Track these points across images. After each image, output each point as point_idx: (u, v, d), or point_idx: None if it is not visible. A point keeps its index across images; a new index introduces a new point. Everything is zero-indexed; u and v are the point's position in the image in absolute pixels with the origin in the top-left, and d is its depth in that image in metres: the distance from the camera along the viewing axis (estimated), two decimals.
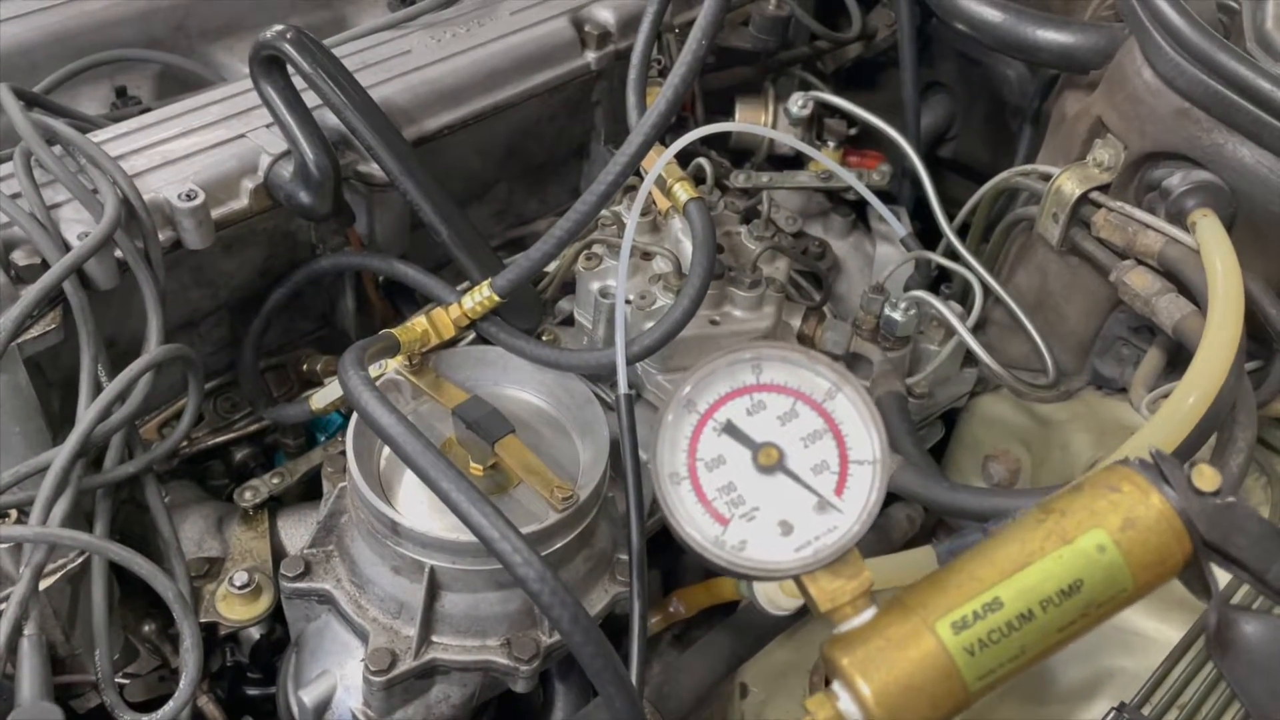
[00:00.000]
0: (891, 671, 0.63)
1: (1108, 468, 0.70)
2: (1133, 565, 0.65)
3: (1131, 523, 0.65)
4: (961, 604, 0.64)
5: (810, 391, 0.69)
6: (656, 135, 1.01)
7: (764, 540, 0.67)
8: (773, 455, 0.68)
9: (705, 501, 0.67)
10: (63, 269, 0.96)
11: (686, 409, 0.69)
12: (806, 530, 0.67)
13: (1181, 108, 1.05)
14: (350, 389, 0.88)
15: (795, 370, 0.69)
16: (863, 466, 0.68)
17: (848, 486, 0.67)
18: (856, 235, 1.46)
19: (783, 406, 0.69)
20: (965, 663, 0.63)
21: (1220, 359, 0.91)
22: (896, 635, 0.64)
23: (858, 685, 0.63)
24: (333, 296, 1.28)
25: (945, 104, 1.61)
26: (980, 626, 0.64)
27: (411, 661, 0.97)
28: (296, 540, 1.16)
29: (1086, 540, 0.65)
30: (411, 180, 1.09)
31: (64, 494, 0.96)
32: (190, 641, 0.97)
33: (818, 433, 0.68)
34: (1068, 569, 0.65)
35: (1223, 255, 0.97)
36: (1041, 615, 0.64)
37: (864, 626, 0.66)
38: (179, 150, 1.11)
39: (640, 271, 1.16)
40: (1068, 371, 1.25)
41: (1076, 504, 0.67)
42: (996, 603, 0.64)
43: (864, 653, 0.64)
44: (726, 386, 0.69)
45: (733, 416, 0.69)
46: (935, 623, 0.64)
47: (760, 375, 0.69)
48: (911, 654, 0.64)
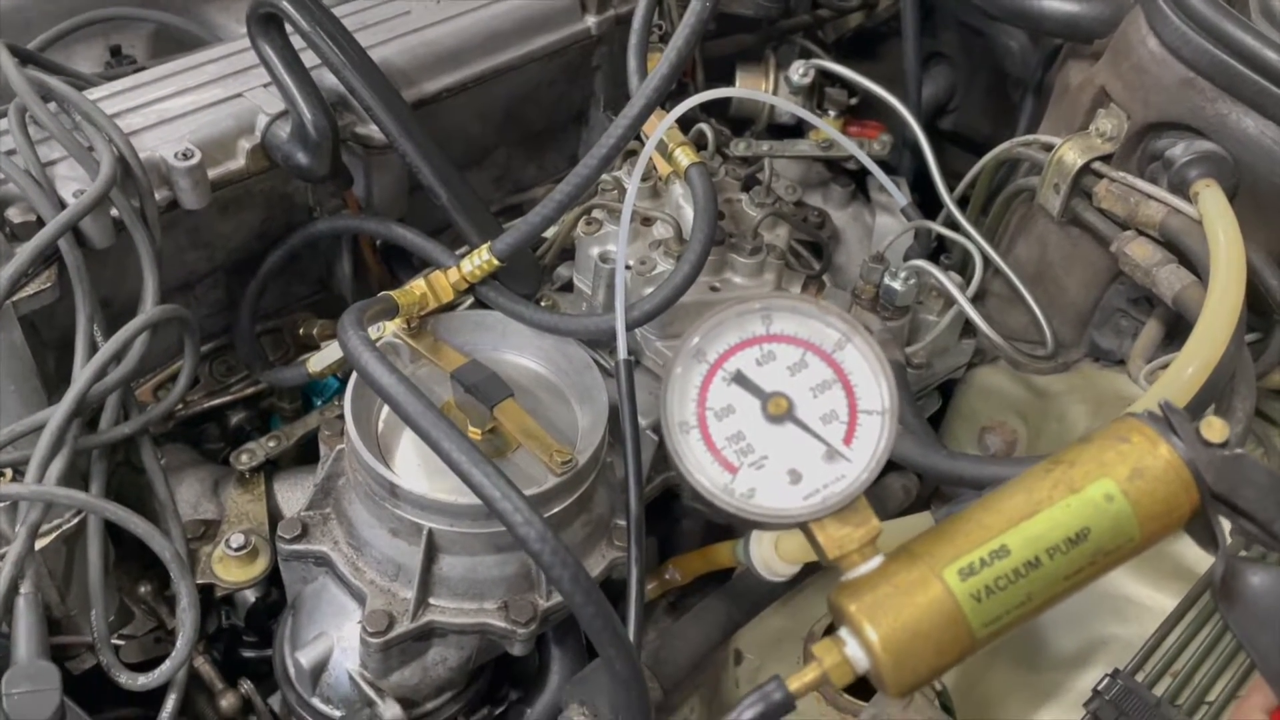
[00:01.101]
0: (898, 617, 0.64)
1: (1117, 420, 0.70)
2: (1140, 515, 0.65)
3: (1139, 473, 0.66)
4: (968, 551, 0.65)
5: (820, 342, 0.69)
6: (658, 99, 1.00)
7: (772, 488, 0.67)
8: (782, 405, 0.68)
9: (714, 450, 0.68)
10: (58, 226, 0.95)
11: (696, 359, 0.69)
12: (815, 479, 0.67)
13: (1186, 77, 1.05)
14: (350, 349, 0.88)
15: (805, 321, 0.69)
16: (871, 416, 0.68)
17: (856, 436, 0.68)
18: (856, 206, 1.45)
19: (792, 357, 0.69)
20: (971, 609, 0.64)
21: (1221, 329, 0.91)
22: (903, 581, 0.65)
23: (865, 631, 0.64)
24: (330, 260, 1.27)
25: (946, 75, 1.60)
26: (987, 573, 0.64)
27: (409, 624, 0.97)
28: (293, 503, 1.16)
29: (1094, 489, 0.66)
30: (411, 142, 1.08)
31: (60, 453, 0.95)
32: (187, 601, 0.97)
33: (827, 383, 0.69)
34: (1075, 517, 0.65)
35: (1225, 226, 0.97)
36: (1048, 563, 0.64)
37: (871, 573, 0.66)
38: (175, 109, 1.09)
39: (640, 237, 1.15)
40: (1066, 343, 1.25)
41: (1085, 455, 0.68)
42: (1003, 550, 0.64)
43: (871, 599, 0.65)
44: (736, 336, 0.69)
45: (742, 366, 0.69)
46: (942, 569, 0.64)
47: (770, 326, 0.69)
48: (918, 600, 0.64)
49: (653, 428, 1.12)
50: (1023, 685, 0.99)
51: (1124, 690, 0.89)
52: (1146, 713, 0.88)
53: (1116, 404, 1.19)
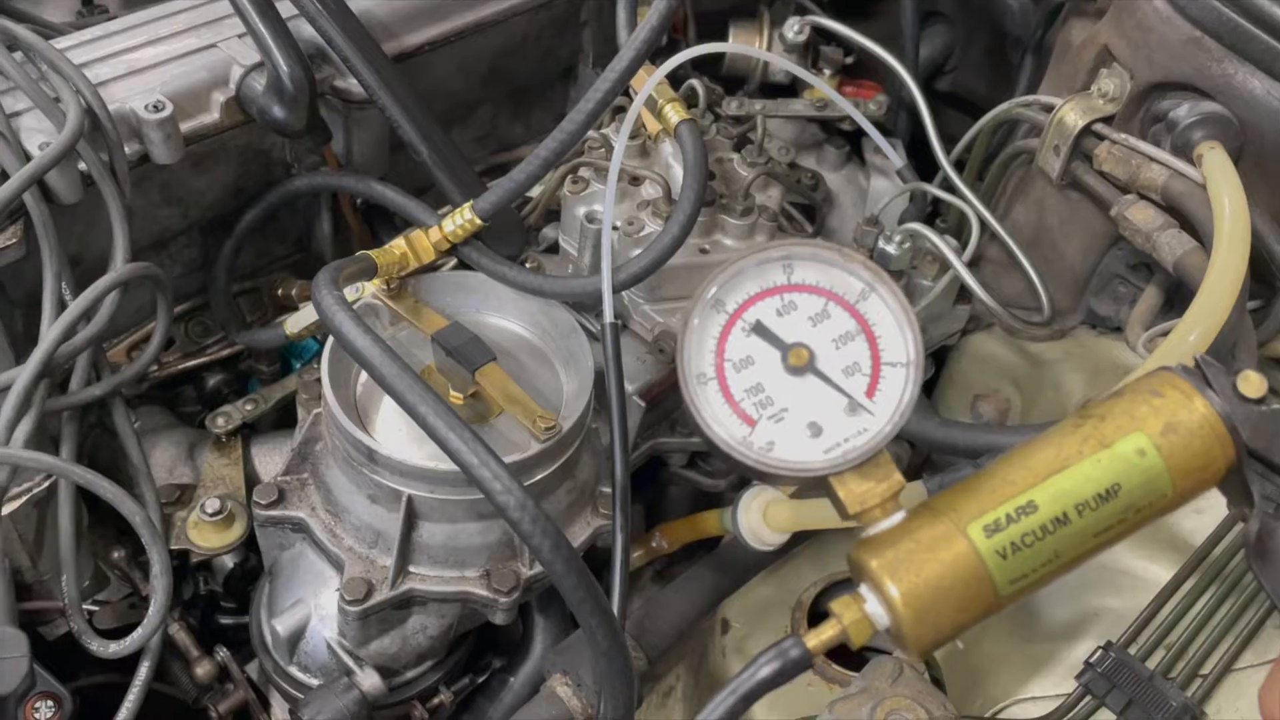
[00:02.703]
0: (920, 574, 0.61)
1: (1149, 373, 0.67)
2: (1173, 470, 0.63)
3: (1173, 427, 0.63)
4: (994, 507, 0.62)
5: (843, 292, 0.67)
6: (647, 51, 0.97)
7: (792, 441, 0.65)
8: (803, 356, 0.66)
9: (732, 402, 0.65)
10: (22, 180, 0.92)
11: (714, 309, 0.66)
12: (836, 432, 0.65)
13: (1192, 36, 1.02)
14: (324, 309, 0.85)
15: (827, 270, 0.67)
16: (895, 368, 0.65)
17: (879, 389, 0.65)
18: (850, 168, 1.42)
19: (814, 307, 0.67)
20: (997, 566, 0.62)
21: (1225, 295, 0.89)
22: (926, 537, 0.63)
23: (886, 587, 0.62)
24: (308, 219, 1.24)
25: (944, 35, 1.56)
26: (1013, 530, 0.62)
27: (388, 592, 0.95)
28: (270, 468, 1.13)
29: (1126, 444, 0.63)
30: (391, 96, 1.05)
31: (27, 415, 0.93)
32: (159, 568, 0.95)
33: (850, 334, 0.66)
34: (1106, 472, 0.63)
35: (1230, 189, 0.95)
36: (1077, 519, 0.62)
37: (892, 529, 0.64)
38: (146, 59, 1.06)
39: (628, 197, 1.12)
40: (1062, 310, 1.23)
41: (1116, 409, 0.65)
42: (1030, 506, 0.62)
43: (893, 554, 0.62)
44: (756, 286, 0.67)
45: (762, 316, 0.66)
46: (967, 525, 0.62)
47: (791, 275, 0.67)
48: (941, 556, 0.62)
49: (639, 393, 1.10)
50: (1014, 657, 0.97)
51: (1117, 663, 0.87)
52: (1139, 686, 0.86)
53: (1113, 372, 1.17)
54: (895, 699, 0.75)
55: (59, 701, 0.90)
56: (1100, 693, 0.87)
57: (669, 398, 1.14)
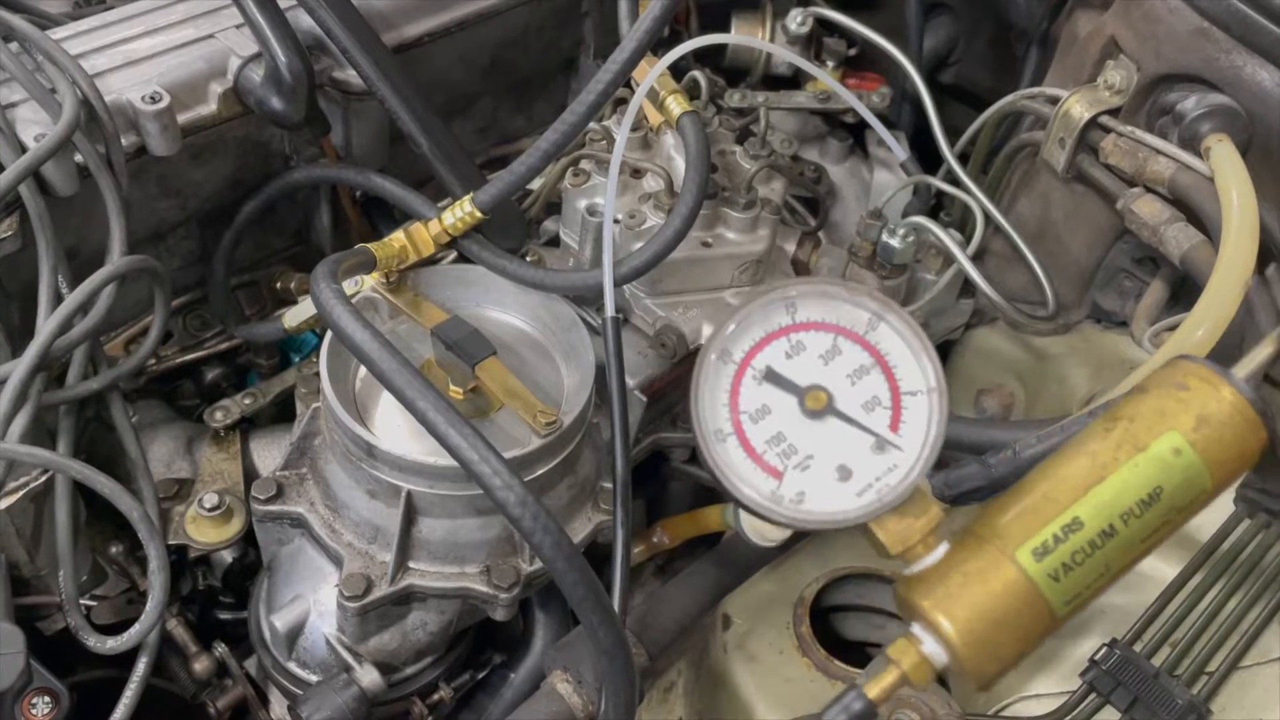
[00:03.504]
0: (975, 607, 0.60)
1: (1168, 364, 0.65)
2: (1210, 464, 0.62)
3: (1205, 420, 0.62)
4: (1039, 528, 0.61)
5: (851, 325, 0.64)
6: (649, 42, 0.96)
7: (823, 488, 0.63)
8: (821, 399, 0.64)
9: (755, 456, 0.63)
10: (18, 171, 0.91)
11: (721, 360, 0.64)
12: (866, 472, 0.63)
13: (1200, 27, 1.01)
14: (322, 302, 0.84)
15: (832, 304, 0.64)
16: (916, 397, 0.63)
17: (903, 420, 0.63)
18: (854, 161, 1.41)
19: (824, 344, 0.64)
20: (1050, 589, 0.60)
21: (1233, 289, 0.88)
22: (974, 569, 0.61)
23: (941, 625, 0.60)
24: (307, 211, 1.23)
25: (948, 26, 1.55)
26: (1062, 550, 0.60)
27: (387, 588, 0.94)
28: (269, 462, 1.13)
29: (1160, 445, 0.62)
30: (390, 87, 1.04)
31: (23, 409, 0.92)
32: (157, 563, 0.95)
33: (864, 367, 0.64)
34: (1145, 478, 0.62)
35: (1238, 182, 0.94)
36: (1124, 529, 0.61)
37: (938, 564, 0.63)
38: (143, 50, 1.05)
39: (630, 189, 1.11)
40: (1067, 304, 1.23)
41: (1144, 407, 0.64)
42: (1076, 523, 0.61)
43: (943, 591, 0.61)
44: (761, 331, 0.64)
45: (771, 362, 0.64)
46: (1015, 551, 0.61)
47: (795, 314, 0.65)
48: (993, 587, 0.60)
49: (640, 387, 1.09)
50: None
51: (1122, 660, 0.87)
52: (1144, 683, 0.86)
53: (1118, 367, 1.17)
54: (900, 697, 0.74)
55: (56, 697, 0.89)
56: (1105, 690, 0.86)
57: (670, 392, 1.13)
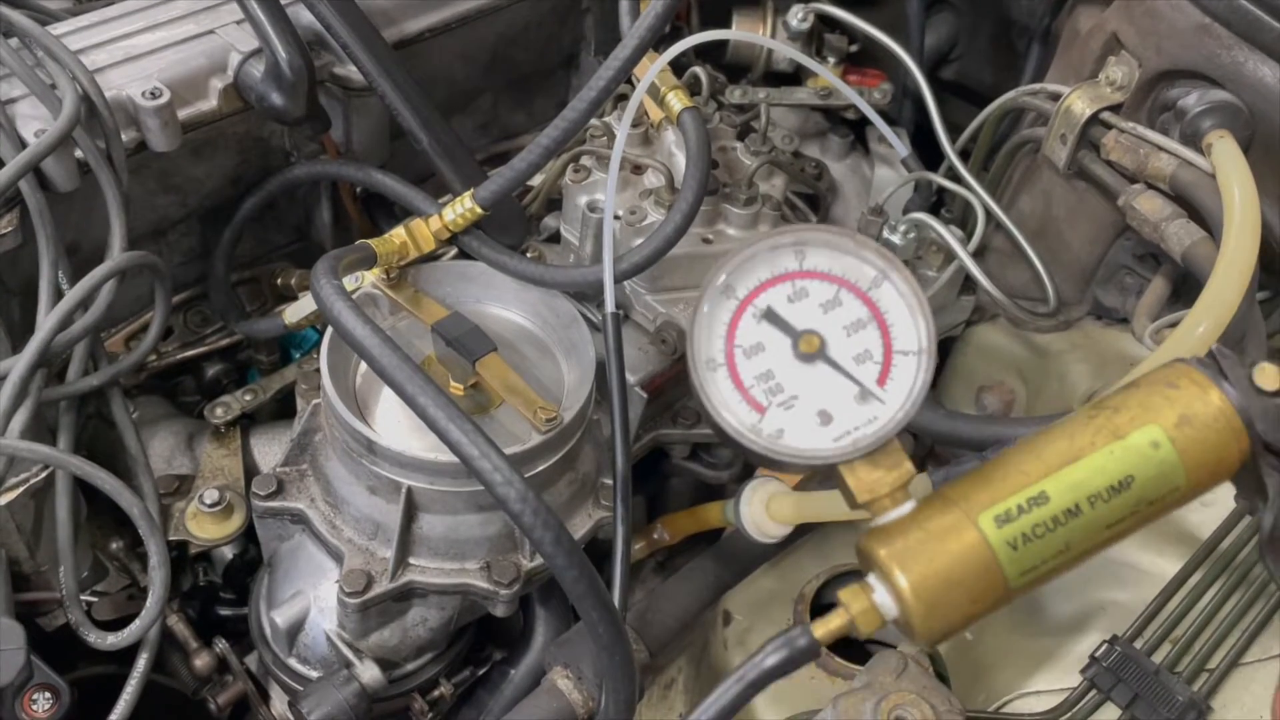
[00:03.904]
0: (931, 564, 0.61)
1: (1164, 365, 0.66)
2: (1187, 463, 0.62)
3: (1188, 419, 0.62)
4: (1005, 497, 0.62)
5: (855, 279, 0.66)
6: (652, 39, 0.96)
7: (802, 429, 0.64)
8: (814, 343, 0.65)
9: (742, 389, 0.65)
10: (18, 167, 0.92)
11: (724, 295, 0.65)
12: (846, 420, 0.64)
13: (1202, 23, 1.01)
14: (322, 298, 0.84)
15: (840, 256, 0.66)
16: (907, 357, 0.64)
17: (891, 377, 0.64)
18: (854, 157, 1.41)
19: (826, 294, 0.66)
20: (1007, 557, 0.61)
21: (1234, 286, 0.88)
22: (936, 527, 0.62)
23: (895, 577, 0.61)
24: (308, 208, 1.23)
25: (949, 22, 1.54)
26: (1024, 520, 0.61)
27: (387, 584, 0.94)
28: (270, 459, 1.13)
29: (1140, 436, 0.62)
30: (391, 83, 1.04)
31: (23, 404, 0.92)
32: (157, 559, 0.95)
33: (861, 321, 0.65)
34: (1119, 464, 0.62)
35: (1240, 179, 0.93)
36: (1089, 511, 0.61)
37: (902, 519, 0.63)
38: (143, 46, 1.05)
39: (630, 185, 1.11)
40: (1068, 300, 1.22)
41: (1130, 400, 0.64)
42: (1042, 497, 0.62)
43: (902, 544, 0.62)
44: (767, 272, 0.66)
45: (773, 303, 0.66)
46: (978, 515, 0.61)
47: (804, 261, 0.66)
48: (952, 546, 0.61)
49: (641, 384, 1.09)
50: (1018, 651, 0.96)
51: (1122, 657, 0.87)
52: (1145, 680, 0.86)
53: (1119, 363, 1.16)
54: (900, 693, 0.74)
55: (57, 693, 0.89)
56: (1105, 687, 0.86)
57: (671, 389, 1.13)
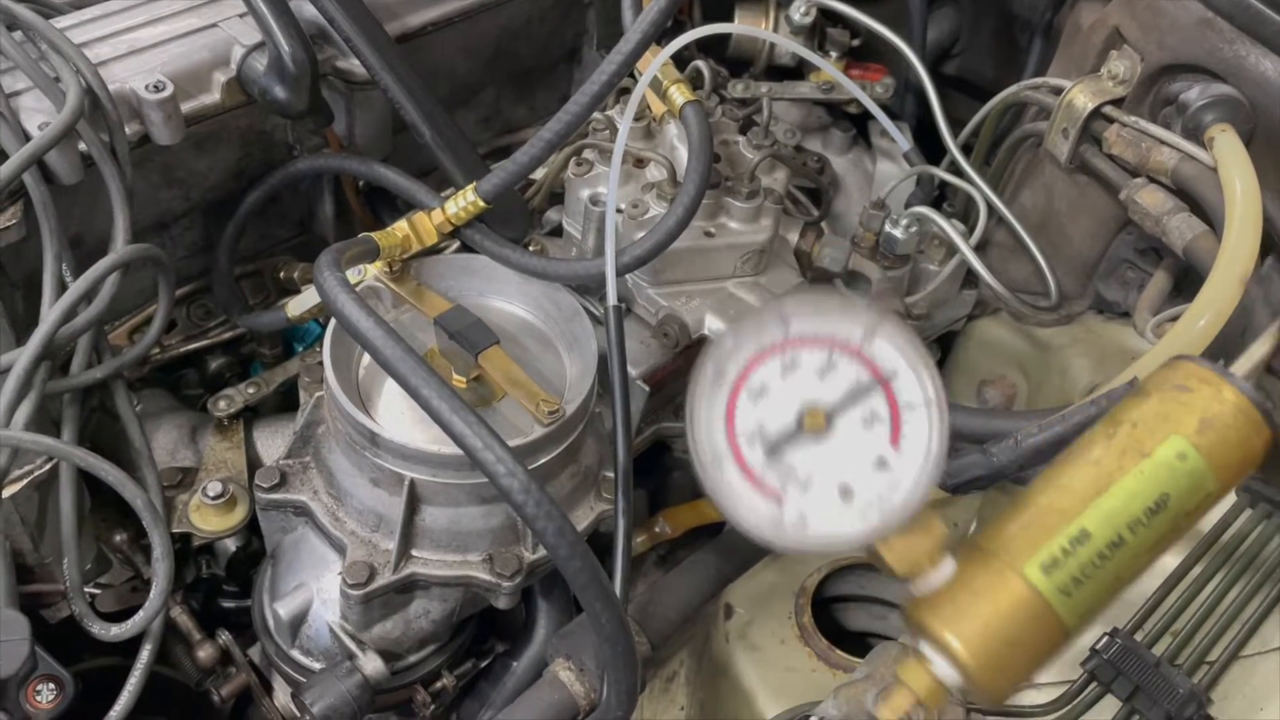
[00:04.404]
0: (985, 625, 0.59)
1: (1168, 365, 0.65)
2: (1215, 467, 0.61)
3: (1209, 423, 0.61)
4: (1046, 541, 0.60)
5: (846, 337, 0.63)
6: (655, 33, 0.95)
7: (824, 510, 0.61)
8: (818, 417, 0.62)
9: (753, 479, 0.62)
10: (22, 160, 0.92)
11: (715, 383, 0.63)
12: (867, 490, 0.61)
13: (1204, 17, 1.01)
14: (326, 291, 0.84)
15: (825, 317, 0.63)
16: (915, 411, 0.62)
17: (903, 435, 0.61)
18: (857, 151, 1.41)
19: (819, 360, 0.63)
20: (1062, 604, 0.59)
21: (1236, 279, 0.88)
22: (983, 586, 0.60)
23: (950, 645, 0.59)
24: (311, 201, 1.23)
25: (951, 17, 1.55)
26: (1071, 564, 0.59)
27: (390, 576, 0.95)
28: (273, 451, 1.13)
29: (1165, 450, 0.61)
30: (393, 76, 1.04)
31: (27, 397, 0.92)
32: (160, 551, 0.95)
33: (862, 383, 0.63)
34: (1151, 484, 0.61)
35: (1242, 172, 0.94)
36: (1132, 539, 0.60)
37: (946, 582, 0.62)
38: (146, 39, 1.05)
39: (633, 179, 1.11)
40: (1070, 295, 1.22)
41: (1146, 411, 0.63)
42: (1084, 535, 0.60)
43: (951, 610, 0.60)
44: (754, 348, 0.63)
45: (766, 379, 0.63)
46: (1023, 567, 0.60)
47: (789, 328, 0.63)
48: (1002, 604, 0.59)
49: (642, 377, 1.09)
50: None
51: (1122, 649, 0.86)
52: (1145, 672, 0.85)
53: (1120, 357, 1.16)
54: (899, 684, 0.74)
55: (60, 684, 0.89)
56: (1106, 679, 0.86)
57: (673, 382, 1.13)
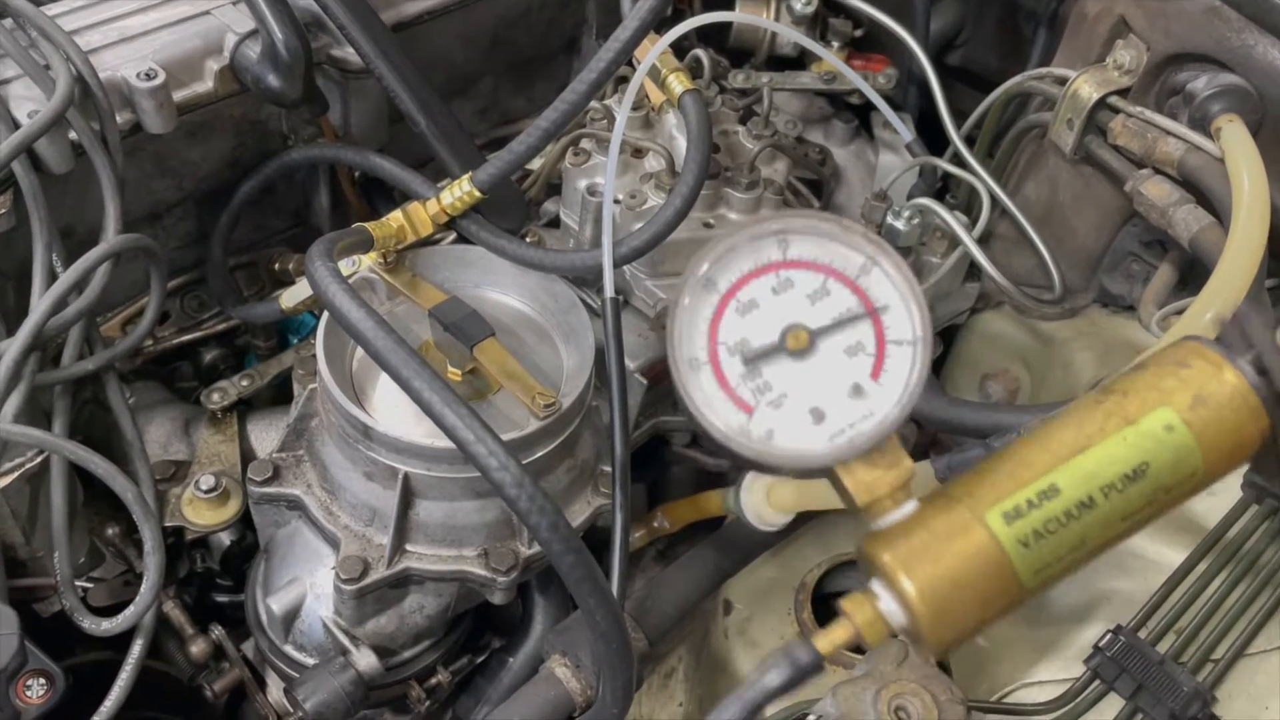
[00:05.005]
0: (937, 567, 0.58)
1: (1174, 344, 0.63)
2: (1204, 446, 0.60)
3: (1202, 400, 0.60)
4: (1013, 492, 0.59)
5: (843, 267, 0.62)
6: (652, 21, 0.94)
7: (794, 428, 0.61)
8: (802, 339, 0.62)
9: (728, 388, 0.61)
10: (11, 148, 0.91)
11: (705, 288, 0.62)
12: (840, 417, 0.61)
13: (1211, 6, 0.99)
14: (317, 281, 0.83)
15: (826, 244, 0.62)
16: (901, 347, 0.61)
17: (885, 369, 0.61)
18: (859, 143, 1.39)
19: (813, 284, 0.62)
20: (1019, 556, 0.58)
21: (1243, 271, 0.86)
22: (942, 528, 0.59)
23: (900, 582, 0.58)
24: (306, 192, 1.22)
25: (955, 7, 1.53)
26: (1035, 516, 0.58)
27: (384, 570, 0.94)
28: (267, 444, 1.12)
29: (1152, 420, 0.60)
30: (388, 65, 1.03)
31: (17, 388, 0.91)
32: (152, 545, 0.94)
33: (851, 312, 0.62)
34: (1132, 451, 0.59)
35: (1249, 163, 0.92)
36: (1103, 502, 0.59)
37: (905, 520, 0.61)
38: (137, 26, 1.04)
39: (631, 169, 1.10)
40: (1074, 288, 1.21)
41: (1140, 382, 0.62)
42: (1053, 490, 0.59)
43: (906, 547, 0.59)
44: (750, 263, 0.62)
45: (757, 295, 0.62)
46: (985, 513, 0.59)
47: (787, 250, 0.62)
48: (959, 547, 0.58)
49: (640, 370, 1.08)
50: (1021, 640, 0.95)
51: (1126, 647, 0.85)
52: (1149, 670, 0.84)
53: (1125, 351, 1.15)
54: (900, 683, 0.73)
55: (51, 679, 0.88)
56: (1109, 677, 0.85)
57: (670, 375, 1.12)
